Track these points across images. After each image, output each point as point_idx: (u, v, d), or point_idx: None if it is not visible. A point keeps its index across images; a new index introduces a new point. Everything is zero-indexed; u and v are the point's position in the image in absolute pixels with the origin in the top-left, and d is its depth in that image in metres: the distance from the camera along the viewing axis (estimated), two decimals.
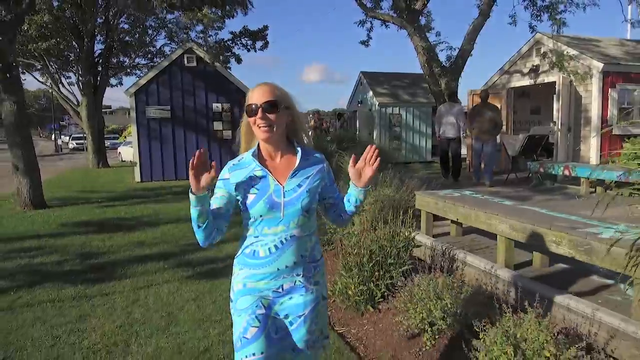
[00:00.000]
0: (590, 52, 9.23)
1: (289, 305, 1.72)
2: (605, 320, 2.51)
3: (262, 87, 1.70)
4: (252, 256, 1.70)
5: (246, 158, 1.74)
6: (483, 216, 3.64)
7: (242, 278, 1.73)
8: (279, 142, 1.74)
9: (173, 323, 3.46)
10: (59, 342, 3.19)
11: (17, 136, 8.43)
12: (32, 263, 5.05)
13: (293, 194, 1.69)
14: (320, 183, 1.77)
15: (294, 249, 1.69)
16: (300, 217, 1.70)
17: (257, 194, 1.67)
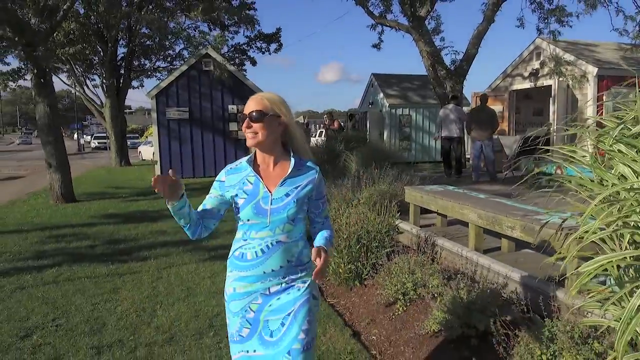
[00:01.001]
0: (585, 57, 9.66)
1: (278, 305, 1.77)
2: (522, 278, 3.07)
3: (253, 98, 1.79)
4: (240, 258, 1.77)
5: (243, 163, 1.82)
6: (457, 207, 4.21)
7: (231, 281, 1.80)
8: (272, 149, 1.79)
9: (191, 295, 4.11)
10: (97, 308, 3.86)
11: (50, 135, 9.22)
12: (68, 247, 5.77)
13: (280, 203, 1.74)
14: (308, 194, 1.81)
15: (279, 253, 1.75)
16: (286, 225, 1.75)
17: (246, 198, 1.74)
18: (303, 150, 1.86)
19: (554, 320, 2.48)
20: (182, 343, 3.19)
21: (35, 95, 9.10)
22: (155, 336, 3.30)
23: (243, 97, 13.79)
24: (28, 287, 4.35)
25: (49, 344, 3.19)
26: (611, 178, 2.29)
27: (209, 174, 13.73)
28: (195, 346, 3.14)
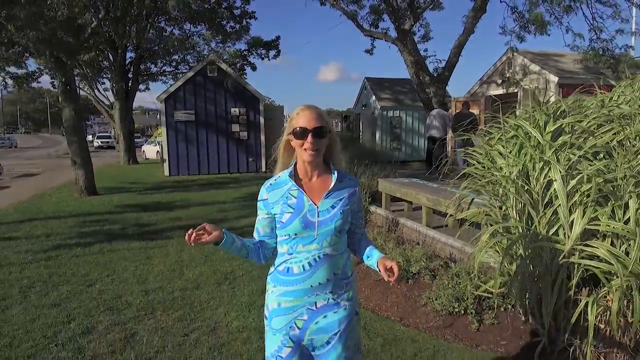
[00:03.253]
0: (549, 67, 10.90)
1: (324, 324, 1.75)
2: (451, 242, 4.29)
3: (311, 110, 1.74)
4: (285, 273, 1.76)
5: (282, 177, 1.80)
6: (414, 193, 5.44)
7: (276, 296, 1.78)
8: (319, 163, 1.79)
9: (209, 260, 5.33)
10: (138, 268, 5.08)
11: (75, 136, 10.43)
12: (103, 229, 6.99)
13: (327, 215, 1.74)
14: (351, 206, 1.81)
15: (326, 266, 1.74)
16: (333, 237, 1.75)
17: (292, 212, 1.73)
18: (340, 162, 1.87)
19: (457, 263, 3.72)
20: (206, 289, 4.41)
21: (62, 101, 10.29)
22: (185, 284, 4.53)
23: (245, 101, 15.03)
24: (80, 256, 5.56)
25: (109, 290, 4.41)
26: (492, 168, 3.53)
27: (213, 172, 14.96)
28: (216, 290, 4.36)
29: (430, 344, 3.20)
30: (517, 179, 3.11)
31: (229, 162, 15.16)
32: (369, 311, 3.81)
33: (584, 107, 3.48)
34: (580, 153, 2.93)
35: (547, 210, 3.00)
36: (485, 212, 3.52)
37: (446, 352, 3.07)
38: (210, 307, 3.97)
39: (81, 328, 3.56)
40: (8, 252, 5.69)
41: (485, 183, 3.48)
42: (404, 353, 3.07)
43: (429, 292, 3.75)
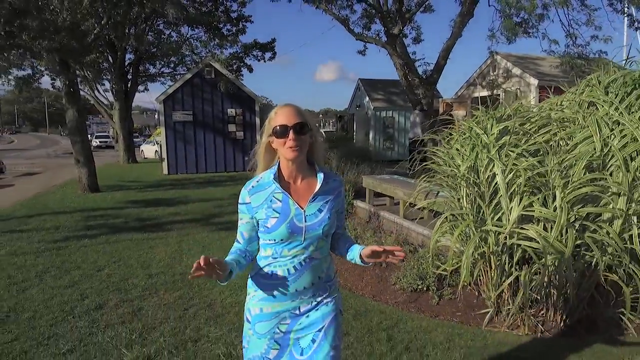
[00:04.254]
0: (530, 70, 11.46)
1: (308, 322, 1.74)
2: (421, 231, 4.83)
3: (288, 108, 1.68)
4: (269, 276, 1.71)
5: (265, 179, 1.72)
6: (392, 188, 5.98)
7: (258, 300, 1.74)
8: (302, 163, 1.73)
9: (206, 249, 5.85)
10: (142, 256, 5.59)
11: (78, 136, 10.93)
12: (107, 223, 7.50)
13: (314, 219, 1.69)
14: (337, 207, 1.77)
15: (311, 270, 1.71)
16: (320, 241, 1.71)
17: (278, 217, 1.66)
18: (322, 161, 1.82)
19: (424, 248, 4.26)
20: None
21: (66, 102, 10.78)
22: (185, 270, 5.05)
23: (241, 102, 15.55)
24: (88, 246, 6.08)
25: (116, 273, 4.94)
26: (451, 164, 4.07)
27: (210, 170, 15.48)
28: None
29: (396, 314, 3.74)
30: (467, 174, 3.65)
31: (226, 161, 15.68)
32: (346, 290, 4.35)
33: (528, 112, 4.01)
34: (518, 151, 3.47)
35: (493, 200, 3.54)
36: (447, 202, 4.06)
37: (407, 321, 3.61)
38: (207, 287, 4.49)
39: (94, 304, 4.09)
40: (22, 243, 6.21)
41: (445, 177, 4.01)
42: (371, 321, 3.61)
43: (398, 273, 4.29)
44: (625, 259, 3.14)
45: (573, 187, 3.22)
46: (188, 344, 3.32)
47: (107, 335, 3.47)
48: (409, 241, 5.17)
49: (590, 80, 4.21)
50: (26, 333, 3.53)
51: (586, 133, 3.58)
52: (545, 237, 3.15)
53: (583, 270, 3.34)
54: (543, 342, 3.25)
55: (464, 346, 3.18)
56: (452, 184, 3.99)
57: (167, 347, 3.27)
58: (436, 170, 4.21)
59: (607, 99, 3.77)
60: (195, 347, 3.28)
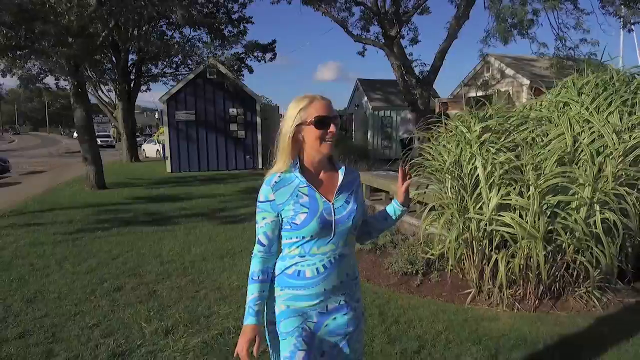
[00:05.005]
0: (524, 71, 11.85)
1: (334, 326, 1.68)
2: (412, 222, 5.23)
3: (326, 101, 1.65)
4: (296, 277, 1.63)
5: (287, 174, 1.64)
6: (387, 183, 6.38)
7: (283, 300, 1.66)
8: (326, 157, 1.68)
9: (212, 240, 6.24)
10: (152, 247, 5.98)
11: (86, 135, 11.32)
12: (117, 217, 7.89)
13: (343, 212, 1.64)
14: (360, 198, 1.74)
15: (341, 268, 1.65)
16: (350, 235, 1.67)
17: (307, 212, 1.59)
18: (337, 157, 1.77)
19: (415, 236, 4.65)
20: (211, 261, 5.33)
21: (74, 103, 11.16)
22: (194, 258, 5.44)
23: (242, 102, 15.94)
24: (102, 237, 6.47)
25: (131, 261, 5.33)
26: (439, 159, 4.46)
27: (213, 168, 15.87)
28: (219, 262, 5.28)
29: (387, 294, 4.13)
30: (452, 167, 4.04)
31: (227, 159, 16.07)
32: None
33: (508, 111, 4.40)
34: (497, 147, 3.86)
35: (475, 191, 3.93)
36: (435, 194, 4.45)
37: (397, 299, 4.00)
38: (215, 273, 4.88)
39: (113, 287, 4.48)
40: (38, 235, 6.60)
41: (433, 171, 4.41)
42: (365, 300, 3.99)
43: (390, 258, 4.68)
44: (590, 243, 3.53)
45: (545, 179, 3.61)
46: (201, 319, 3.71)
47: (128, 312, 3.86)
48: (400, 231, 5.56)
49: (566, 83, 4.61)
50: (54, 310, 3.92)
51: (559, 130, 3.97)
52: (520, 223, 3.54)
53: (555, 253, 3.73)
54: (518, 317, 3.64)
55: (446, 320, 3.57)
56: (439, 177, 4.38)
57: (183, 321, 3.66)
58: (425, 165, 4.60)
59: (579, 99, 4.17)
60: (207, 321, 3.67)
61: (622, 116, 3.98)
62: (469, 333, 3.34)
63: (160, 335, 3.42)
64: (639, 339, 3.22)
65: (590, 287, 3.78)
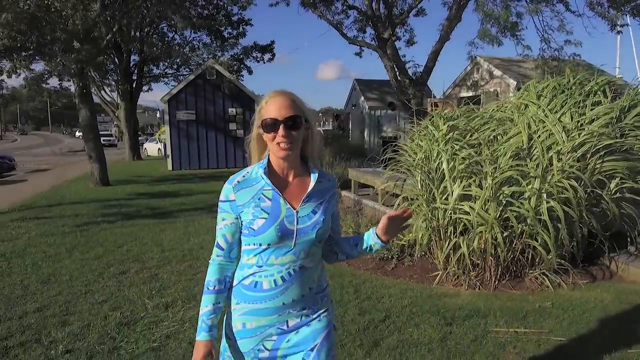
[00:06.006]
0: (511, 72, 12.31)
1: (298, 340, 1.54)
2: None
3: (280, 98, 1.48)
4: (253, 288, 1.51)
5: (253, 174, 1.53)
6: (372, 178, 6.86)
7: (239, 315, 1.55)
8: (295, 159, 1.54)
9: (211, 232, 6.72)
10: (154, 237, 6.47)
11: (91, 134, 11.82)
12: (121, 211, 8.38)
13: (308, 222, 1.50)
14: (332, 209, 1.60)
15: (302, 281, 1.52)
16: (312, 247, 1.53)
17: (266, 218, 1.47)
18: (316, 159, 1.63)
19: None
20: (208, 249, 5.80)
21: (79, 103, 11.66)
22: (192, 246, 5.93)
23: (241, 102, 16.44)
24: (107, 229, 6.96)
25: (134, 249, 5.81)
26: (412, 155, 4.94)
27: (212, 166, 16.37)
28: None
29: (364, 276, 4.61)
30: (421, 162, 4.52)
31: (227, 157, 16.57)
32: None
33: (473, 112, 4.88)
34: (461, 144, 4.34)
35: (441, 183, 4.41)
36: (410, 187, 4.93)
37: (372, 280, 4.48)
38: None
39: (118, 270, 4.97)
40: (48, 227, 7.09)
41: (408, 166, 4.89)
42: (343, 281, 4.48)
43: None
44: (539, 228, 4.00)
45: (501, 171, 4.09)
46: (197, 296, 4.18)
47: (132, 291, 4.35)
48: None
49: (528, 87, 5.08)
50: (67, 290, 4.40)
51: (517, 129, 4.44)
52: (477, 211, 4.02)
53: (511, 238, 4.21)
54: (477, 294, 4.11)
55: (412, 296, 4.05)
56: (412, 172, 4.86)
57: (181, 298, 4.14)
58: (400, 161, 5.08)
59: (536, 101, 4.64)
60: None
61: (573, 116, 4.45)
62: (430, 306, 3.82)
63: (161, 309, 3.91)
64: (575, 309, 3.70)
65: (544, 269, 4.26)
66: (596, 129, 4.24)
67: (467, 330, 3.38)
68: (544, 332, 3.35)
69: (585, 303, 3.86)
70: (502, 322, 3.51)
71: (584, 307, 3.77)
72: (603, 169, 4.25)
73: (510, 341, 3.23)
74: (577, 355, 3.05)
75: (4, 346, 3.26)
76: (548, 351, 3.09)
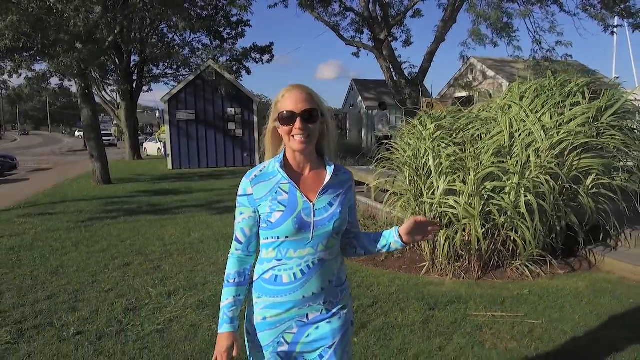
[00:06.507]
0: (504, 72, 12.59)
1: (317, 336, 1.57)
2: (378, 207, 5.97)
3: (298, 91, 1.51)
4: (273, 282, 1.54)
5: (269, 168, 1.56)
6: (365, 175, 7.12)
7: (261, 309, 1.58)
8: (311, 153, 1.57)
9: (209, 227, 6.99)
10: (156, 232, 6.73)
11: (92, 133, 12.07)
12: (123, 208, 8.64)
13: (324, 214, 1.52)
14: (349, 202, 1.62)
15: (321, 274, 1.53)
16: (330, 239, 1.54)
17: (284, 211, 1.49)
18: (333, 154, 1.65)
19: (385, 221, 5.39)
20: (208, 243, 6.07)
21: (81, 103, 11.92)
22: (192, 241, 6.19)
23: (240, 102, 16.71)
24: (110, 224, 7.22)
25: (137, 243, 6.07)
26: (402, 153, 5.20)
27: (212, 165, 16.63)
28: (215, 244, 6.02)
29: (356, 267, 4.88)
30: (410, 160, 4.79)
31: (226, 156, 16.84)
32: None
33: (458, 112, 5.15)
34: (446, 142, 4.61)
35: (428, 179, 4.68)
36: (398, 183, 5.20)
37: (363, 271, 4.75)
38: (211, 252, 5.63)
39: (123, 262, 5.23)
40: (53, 223, 7.35)
41: (397, 163, 5.15)
42: None
43: None
44: (517, 221, 4.27)
45: (483, 168, 4.36)
46: (198, 285, 4.46)
47: (137, 281, 4.61)
48: (375, 218, 6.30)
49: (512, 88, 5.35)
50: (75, 280, 4.67)
51: (499, 129, 4.71)
52: (462, 205, 4.29)
53: (493, 230, 4.48)
54: (460, 283, 4.38)
55: (400, 285, 4.32)
56: (402, 169, 5.13)
57: (183, 287, 4.41)
58: (390, 159, 5.35)
59: (518, 102, 4.91)
60: (203, 287, 4.42)
61: (553, 116, 4.72)
62: (415, 293, 4.08)
63: (164, 297, 4.17)
64: (551, 296, 3.98)
65: (524, 260, 4.53)
66: (573, 128, 4.51)
67: (448, 314, 3.65)
68: (519, 316, 3.62)
69: (560, 290, 4.13)
70: (481, 307, 3.77)
71: (558, 294, 4.04)
72: (580, 166, 4.52)
73: (487, 323, 3.50)
74: (546, 334, 3.32)
75: (19, 329, 3.52)
76: (521, 331, 3.36)
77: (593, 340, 3.23)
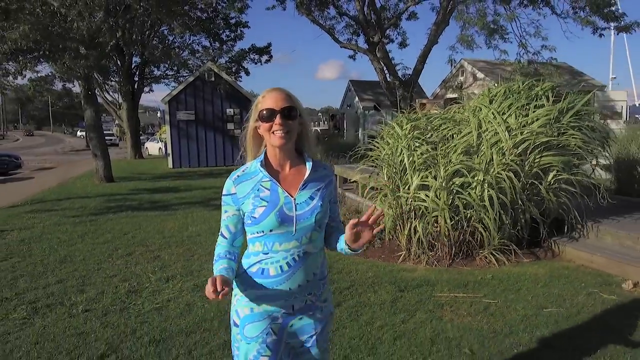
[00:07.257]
0: (492, 74, 13.00)
1: (300, 326, 1.68)
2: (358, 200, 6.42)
3: (276, 92, 1.61)
4: (260, 275, 1.61)
5: (251, 167, 1.65)
6: (353, 173, 7.57)
7: (246, 302, 1.65)
8: (291, 151, 1.65)
9: (206, 222, 7.44)
10: (156, 226, 7.18)
11: (95, 133, 12.54)
12: (125, 204, 9.10)
13: (306, 207, 1.60)
14: (329, 196, 1.69)
15: (306, 266, 1.61)
16: (313, 232, 1.61)
17: (266, 206, 1.57)
18: (313, 152, 1.72)
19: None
20: (204, 236, 6.52)
21: (84, 104, 12.39)
22: (190, 234, 6.64)
23: (239, 102, 17.17)
24: (113, 219, 7.68)
25: (139, 236, 6.53)
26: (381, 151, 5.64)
27: (211, 164, 17.10)
28: (211, 236, 6.47)
29: (338, 256, 5.30)
30: (387, 157, 5.24)
31: (225, 156, 17.30)
32: None
33: (432, 114, 5.59)
34: (420, 141, 5.05)
35: (404, 175, 5.12)
36: (376, 178, 5.64)
37: (344, 260, 5.18)
38: (207, 244, 6.08)
39: (125, 252, 5.68)
40: (59, 218, 7.81)
41: (377, 161, 5.60)
42: None
43: None
44: (482, 214, 4.71)
45: (452, 165, 4.80)
46: (194, 272, 4.91)
47: (138, 268, 5.07)
48: (362, 212, 6.75)
49: (484, 92, 5.79)
50: (82, 267, 5.12)
51: (469, 129, 5.15)
52: (432, 199, 4.73)
53: (462, 222, 4.92)
54: (431, 270, 4.82)
55: (376, 271, 4.76)
56: (381, 165, 5.57)
57: (180, 273, 4.86)
58: (372, 156, 5.80)
59: (487, 105, 5.35)
60: (199, 273, 4.87)
61: (518, 117, 5.16)
62: (389, 278, 4.53)
63: (163, 281, 4.62)
64: (510, 280, 4.42)
65: (491, 249, 4.97)
66: (535, 129, 4.95)
67: (415, 295, 4.10)
68: (478, 297, 4.06)
69: (520, 276, 4.57)
70: (445, 290, 4.22)
71: (518, 279, 4.49)
72: (541, 163, 4.96)
73: (449, 302, 3.94)
74: (499, 311, 3.76)
75: (33, 307, 3.98)
76: (477, 309, 3.80)
77: (538, 315, 3.67)
